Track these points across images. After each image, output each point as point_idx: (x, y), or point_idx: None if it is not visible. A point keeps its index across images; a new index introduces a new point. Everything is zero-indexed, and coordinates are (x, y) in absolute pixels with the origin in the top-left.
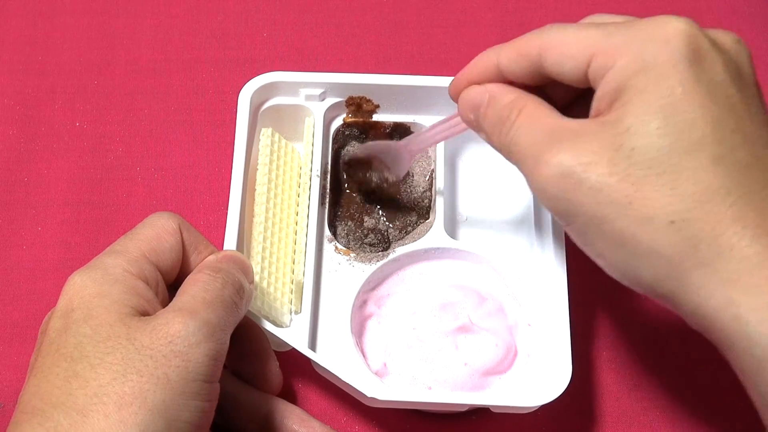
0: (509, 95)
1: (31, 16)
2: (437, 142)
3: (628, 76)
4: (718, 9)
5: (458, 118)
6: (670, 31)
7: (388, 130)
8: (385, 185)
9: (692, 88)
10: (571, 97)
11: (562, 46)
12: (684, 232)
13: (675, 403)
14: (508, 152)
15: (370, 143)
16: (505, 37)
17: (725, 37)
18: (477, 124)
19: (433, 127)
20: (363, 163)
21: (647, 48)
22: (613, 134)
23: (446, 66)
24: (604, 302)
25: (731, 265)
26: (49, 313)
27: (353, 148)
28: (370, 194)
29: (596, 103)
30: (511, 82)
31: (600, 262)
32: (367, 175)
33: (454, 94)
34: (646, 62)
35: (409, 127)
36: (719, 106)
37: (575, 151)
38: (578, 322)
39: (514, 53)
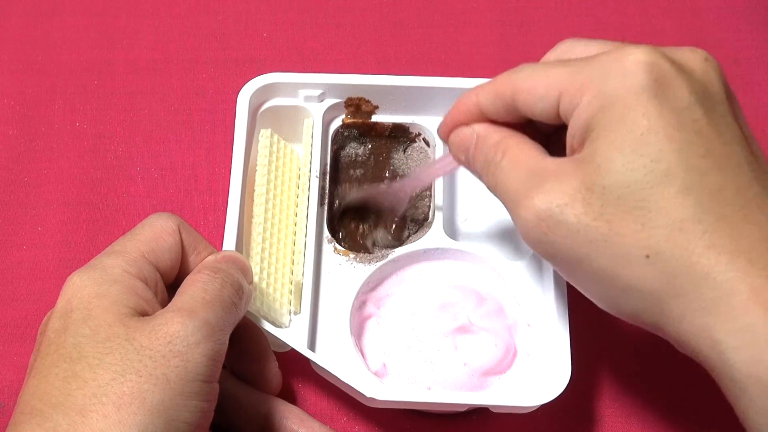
0: (494, 136)
1: (31, 16)
2: (432, 181)
3: (594, 112)
4: (718, 9)
5: (449, 158)
6: (630, 63)
7: (387, 132)
8: (380, 236)
9: (656, 118)
10: (555, 127)
11: (531, 89)
12: (659, 266)
13: (675, 403)
14: (495, 193)
15: (366, 188)
16: (505, 37)
17: (692, 57)
18: (468, 165)
19: (428, 167)
20: (359, 207)
21: (608, 83)
22: (585, 173)
23: (446, 66)
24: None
25: (707, 293)
26: (49, 313)
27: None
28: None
29: (569, 141)
30: (493, 122)
31: (588, 296)
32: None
33: (443, 136)
34: (609, 97)
35: (408, 128)
36: (686, 133)
37: (552, 194)
38: (578, 322)
39: (491, 95)
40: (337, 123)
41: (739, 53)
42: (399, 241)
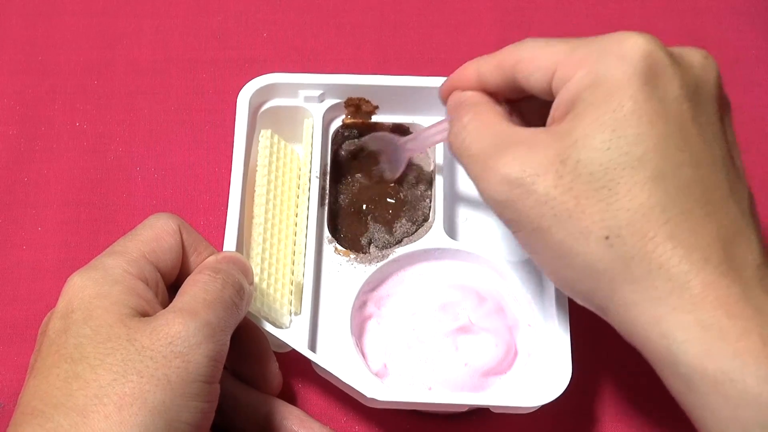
0: (473, 98)
1: (31, 16)
2: (434, 144)
3: (582, 88)
4: (718, 9)
5: (447, 123)
6: (628, 47)
7: (389, 128)
8: (378, 180)
9: (642, 104)
10: (544, 117)
11: (532, 59)
12: (617, 249)
13: (675, 404)
14: (460, 156)
15: (375, 134)
16: (505, 37)
17: (692, 55)
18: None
19: (430, 127)
20: (366, 154)
21: (603, 62)
22: (561, 146)
23: (446, 66)
24: None
25: (660, 283)
26: (49, 313)
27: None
28: (371, 194)
29: (552, 112)
30: (490, 93)
31: (543, 270)
32: (364, 170)
33: (443, 98)
34: (600, 76)
35: (408, 128)
36: (668, 124)
37: (524, 161)
38: (578, 322)
39: (492, 65)
40: (337, 123)
41: (739, 53)
42: (392, 236)
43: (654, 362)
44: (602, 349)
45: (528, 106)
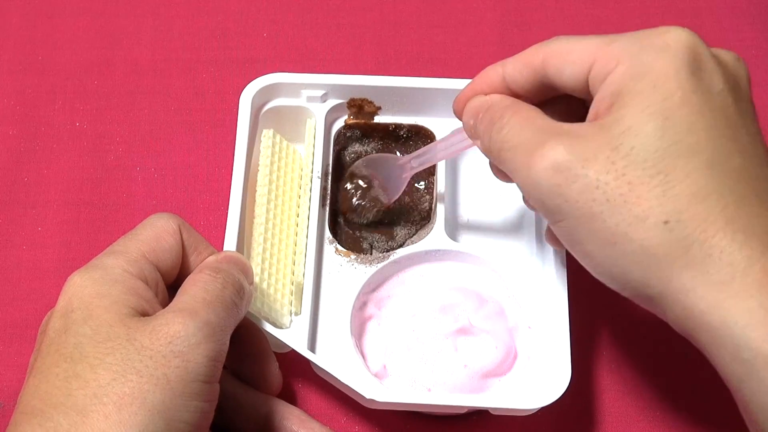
0: (506, 101)
1: (31, 16)
2: (449, 156)
3: (627, 80)
4: (718, 9)
5: (461, 134)
6: (672, 39)
7: (391, 128)
8: (374, 209)
9: (690, 94)
10: (571, 117)
11: (564, 54)
12: (676, 233)
13: (674, 406)
14: (498, 150)
15: (369, 157)
16: (505, 37)
17: (726, 54)
18: (474, 130)
19: (441, 142)
20: (363, 178)
21: (648, 54)
22: (611, 134)
23: (446, 66)
24: (604, 304)
25: (721, 267)
26: (49, 313)
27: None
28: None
29: (594, 107)
30: (516, 95)
31: (587, 263)
32: (358, 199)
33: (458, 108)
34: (646, 67)
35: (411, 129)
36: (716, 115)
37: (573, 148)
38: (578, 325)
39: (520, 63)
40: (339, 124)
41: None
42: (393, 240)
43: (711, 349)
44: (602, 351)
45: (553, 108)
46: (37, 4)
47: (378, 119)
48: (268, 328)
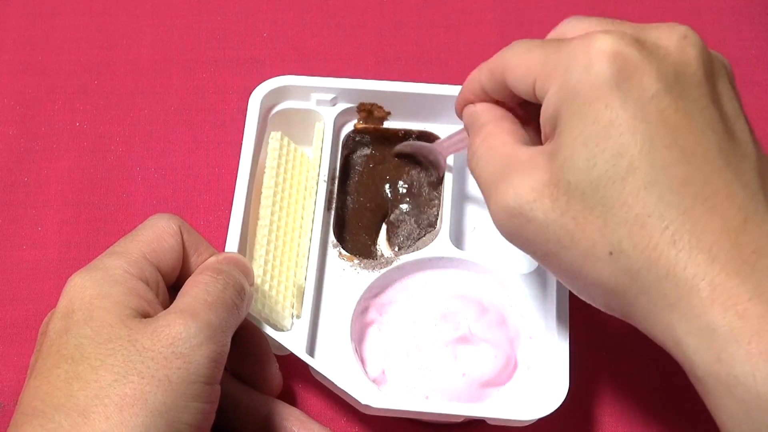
0: (482, 118)
1: (31, 16)
2: (456, 152)
3: (559, 104)
4: (718, 9)
5: (462, 134)
6: (593, 53)
7: (401, 133)
8: (426, 184)
9: (619, 111)
10: None
11: (515, 67)
12: (622, 263)
13: (675, 417)
14: (474, 176)
15: (413, 143)
16: (505, 37)
17: (668, 35)
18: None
19: (453, 136)
20: (409, 158)
21: (573, 74)
22: (552, 168)
23: (446, 66)
24: (604, 316)
25: (669, 290)
26: (50, 313)
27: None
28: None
29: (542, 129)
30: (496, 101)
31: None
32: (412, 173)
33: (458, 112)
34: (572, 89)
35: (421, 135)
36: (650, 124)
37: (520, 188)
38: (578, 336)
39: (488, 73)
40: (348, 127)
41: (739, 53)
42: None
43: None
44: (601, 362)
45: (533, 108)
46: (37, 4)
47: (387, 124)
48: (269, 330)
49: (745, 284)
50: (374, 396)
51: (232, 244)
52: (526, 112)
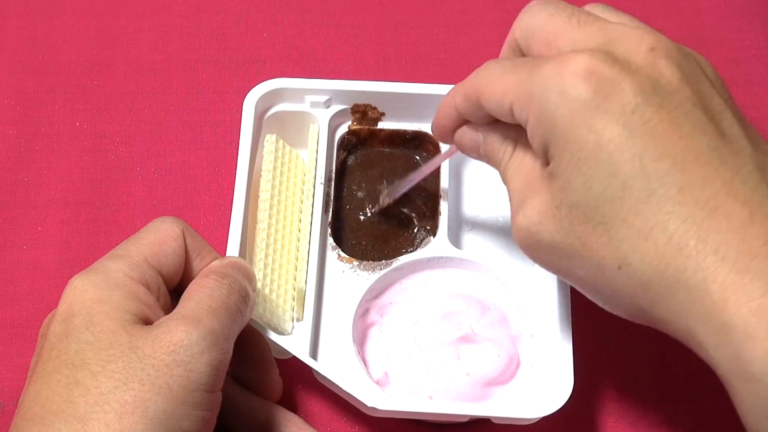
0: (496, 135)
1: (31, 16)
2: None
3: (543, 134)
4: (718, 9)
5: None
6: (567, 76)
7: (395, 134)
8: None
9: (603, 132)
10: None
11: (491, 93)
12: (632, 276)
13: (678, 415)
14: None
15: (389, 190)
16: (505, 37)
17: (635, 50)
18: (484, 160)
19: (433, 159)
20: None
21: (550, 101)
22: (553, 190)
23: (446, 66)
24: (607, 313)
25: (681, 297)
26: (50, 315)
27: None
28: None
29: (536, 151)
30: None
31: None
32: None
33: (437, 137)
34: (552, 117)
35: (415, 135)
36: (637, 138)
37: (529, 211)
38: (581, 333)
39: (462, 97)
40: (343, 129)
41: (739, 53)
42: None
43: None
44: (605, 360)
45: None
46: (37, 4)
47: (382, 125)
48: (270, 334)
49: (757, 280)
50: (380, 398)
51: (233, 249)
52: None
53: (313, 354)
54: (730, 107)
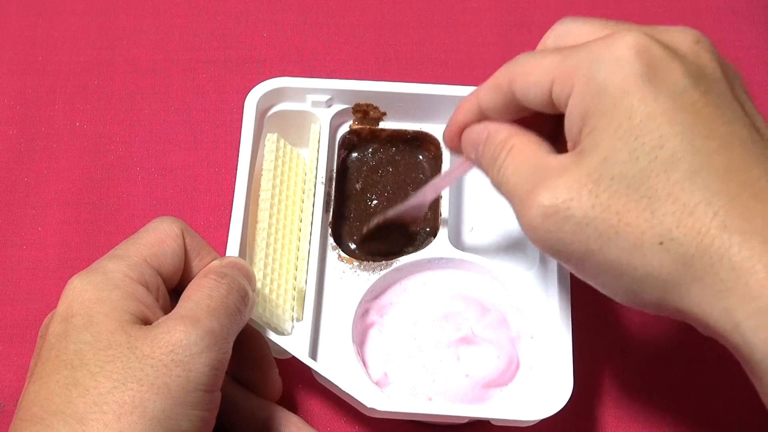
0: (502, 133)
1: (31, 16)
2: (445, 187)
3: (587, 102)
4: (718, 9)
5: (460, 161)
6: (620, 48)
7: (396, 134)
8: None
9: (653, 104)
10: (558, 128)
11: (526, 75)
12: (674, 252)
13: (679, 417)
14: (501, 191)
15: (389, 213)
16: (505, 37)
17: (682, 40)
18: (478, 163)
19: (441, 177)
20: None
21: (601, 70)
22: (590, 165)
23: (446, 66)
24: (607, 314)
25: (724, 275)
26: (49, 315)
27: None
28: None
29: (568, 133)
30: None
31: (606, 292)
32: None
33: (448, 142)
34: (602, 85)
35: (416, 135)
36: (686, 115)
37: (556, 190)
38: (581, 335)
39: (490, 89)
40: (344, 128)
41: (739, 53)
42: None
43: (735, 354)
44: (605, 361)
45: (537, 123)
46: (37, 4)
47: (383, 125)
48: (270, 334)
49: None
50: (379, 399)
51: (233, 249)
52: (536, 128)
53: (313, 354)
54: (759, 114)
